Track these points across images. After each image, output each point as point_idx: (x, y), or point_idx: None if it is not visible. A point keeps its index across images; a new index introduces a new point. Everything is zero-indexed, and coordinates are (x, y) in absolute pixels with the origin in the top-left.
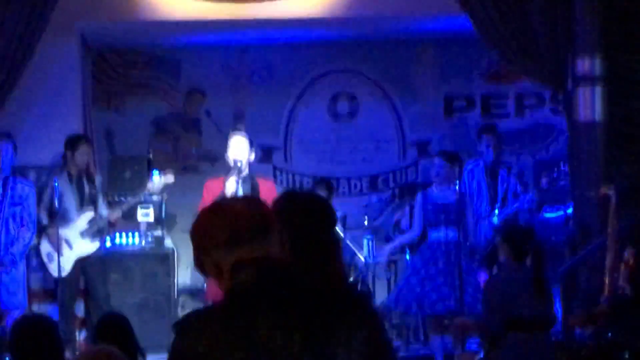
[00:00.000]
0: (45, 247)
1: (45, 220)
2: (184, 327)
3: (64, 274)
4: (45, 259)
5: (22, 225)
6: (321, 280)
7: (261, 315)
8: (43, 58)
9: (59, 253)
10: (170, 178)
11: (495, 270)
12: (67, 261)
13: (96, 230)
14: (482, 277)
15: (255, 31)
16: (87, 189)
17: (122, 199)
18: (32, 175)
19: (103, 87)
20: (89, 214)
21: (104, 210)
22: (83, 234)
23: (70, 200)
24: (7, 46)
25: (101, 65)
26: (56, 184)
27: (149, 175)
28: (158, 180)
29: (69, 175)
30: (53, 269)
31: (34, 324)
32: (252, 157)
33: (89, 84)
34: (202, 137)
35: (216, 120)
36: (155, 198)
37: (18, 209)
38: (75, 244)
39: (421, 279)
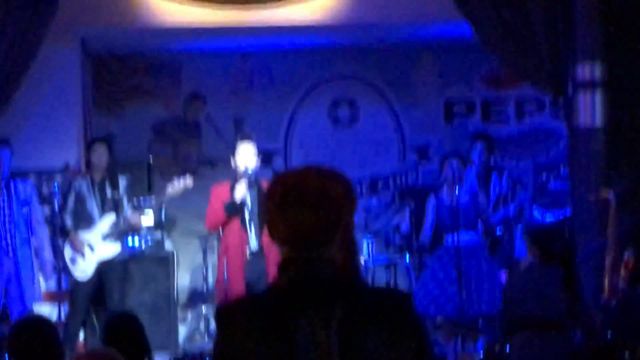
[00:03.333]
0: (68, 251)
1: (69, 224)
2: (224, 315)
3: (86, 277)
4: (68, 263)
5: (32, 233)
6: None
7: (301, 310)
8: (44, 63)
9: (63, 260)
10: (189, 182)
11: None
12: (89, 265)
13: (118, 234)
14: (504, 277)
15: (256, 37)
16: (109, 193)
17: (144, 201)
18: (32, 180)
19: (103, 93)
20: (110, 218)
21: (128, 213)
22: (105, 238)
23: (92, 205)
24: (8, 51)
25: (101, 71)
26: (56, 189)
27: (149, 180)
28: (178, 183)
29: (92, 179)
30: (77, 273)
31: (32, 325)
32: (259, 161)
33: (90, 89)
34: (202, 142)
35: (216, 126)
36: (157, 200)
37: (25, 209)
38: (97, 247)
39: (440, 282)
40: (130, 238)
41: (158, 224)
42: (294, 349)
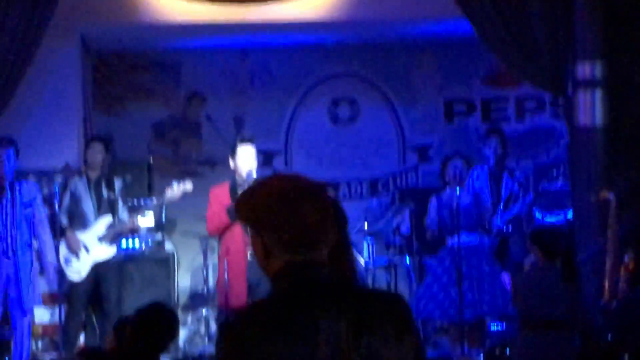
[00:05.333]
0: (63, 250)
1: (65, 222)
2: (243, 316)
3: (80, 278)
4: (62, 263)
5: (34, 233)
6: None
7: (319, 316)
8: (44, 62)
9: (59, 261)
10: (189, 186)
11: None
12: (83, 266)
13: (114, 236)
14: (505, 278)
15: (256, 35)
16: (105, 193)
17: (141, 203)
18: (32, 179)
19: (103, 91)
20: (107, 219)
21: (124, 215)
22: (101, 239)
23: (88, 205)
24: (8, 50)
25: (101, 69)
26: (56, 189)
27: (149, 180)
28: (177, 187)
29: (88, 179)
30: (70, 273)
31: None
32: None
33: (90, 87)
34: (203, 141)
35: (216, 125)
36: (155, 202)
37: (29, 210)
38: (93, 248)
39: (443, 285)
40: (125, 240)
41: (158, 225)
42: (317, 351)
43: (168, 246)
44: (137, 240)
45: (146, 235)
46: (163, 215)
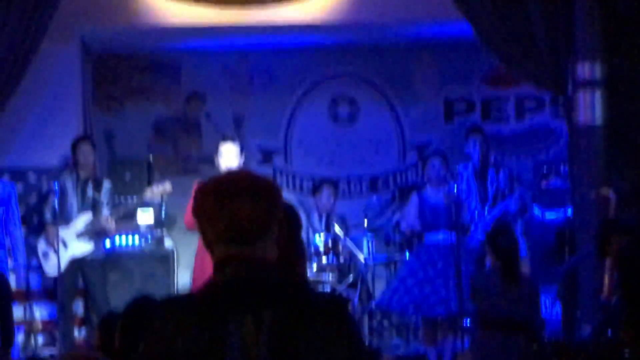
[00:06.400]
0: (42, 245)
1: (47, 217)
2: (157, 310)
3: (58, 273)
4: (40, 258)
5: (7, 229)
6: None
7: (233, 311)
8: (44, 62)
9: (57, 252)
10: (168, 187)
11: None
12: (61, 261)
13: (92, 233)
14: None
15: (256, 36)
16: (89, 192)
17: (120, 202)
18: (32, 177)
19: (103, 91)
20: (86, 216)
21: (104, 215)
22: (79, 236)
23: (73, 201)
24: (8, 50)
25: (102, 69)
26: (56, 187)
27: (149, 178)
28: (156, 189)
29: (77, 178)
30: (47, 268)
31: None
32: (242, 161)
33: (90, 87)
34: (202, 140)
35: (216, 124)
36: (135, 203)
37: (2, 209)
38: (71, 244)
39: (419, 281)
40: (108, 239)
41: (158, 222)
42: (222, 352)
43: (168, 243)
44: (130, 236)
45: (146, 232)
46: (163, 212)
